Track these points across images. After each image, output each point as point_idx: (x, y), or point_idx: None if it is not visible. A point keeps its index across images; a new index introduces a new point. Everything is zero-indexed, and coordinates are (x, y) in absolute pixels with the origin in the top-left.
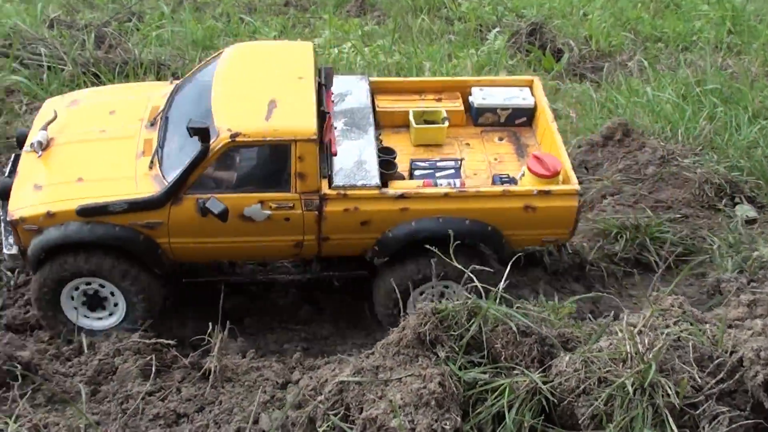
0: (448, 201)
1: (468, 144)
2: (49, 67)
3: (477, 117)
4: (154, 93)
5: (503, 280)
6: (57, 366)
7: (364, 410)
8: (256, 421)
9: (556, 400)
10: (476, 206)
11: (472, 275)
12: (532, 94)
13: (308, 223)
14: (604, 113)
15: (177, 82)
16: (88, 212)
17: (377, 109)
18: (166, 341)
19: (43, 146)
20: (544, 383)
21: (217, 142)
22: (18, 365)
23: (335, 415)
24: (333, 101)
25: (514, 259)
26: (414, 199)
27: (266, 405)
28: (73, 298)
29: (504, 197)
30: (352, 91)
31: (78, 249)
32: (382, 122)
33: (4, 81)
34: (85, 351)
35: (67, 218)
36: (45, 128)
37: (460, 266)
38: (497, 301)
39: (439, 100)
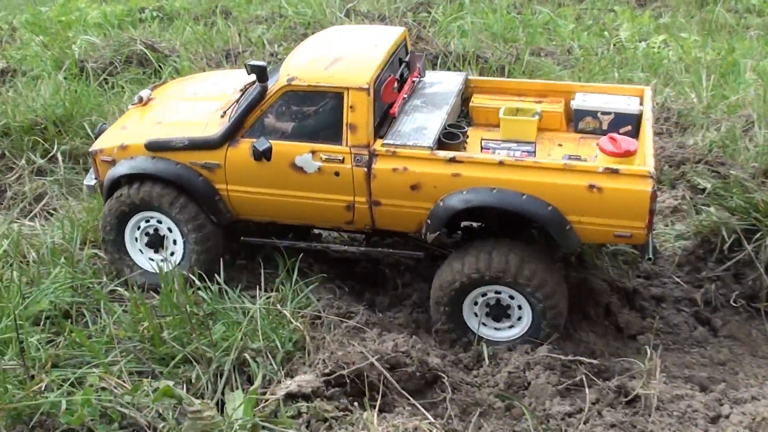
0: (504, 170)
1: (560, 144)
2: None
3: (577, 121)
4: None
5: None
6: (461, 374)
7: None
8: None
9: None
10: (534, 179)
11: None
12: (641, 104)
13: (358, 180)
14: None
15: None
16: (154, 147)
17: (472, 105)
18: (583, 359)
19: (143, 101)
20: None
21: (275, 86)
22: (428, 371)
23: None
24: (414, 81)
25: None
26: (466, 165)
27: None
28: (137, 239)
29: (566, 171)
30: (443, 82)
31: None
32: (476, 120)
33: None
34: (486, 361)
35: (137, 152)
36: (151, 88)
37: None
38: None
39: (540, 102)
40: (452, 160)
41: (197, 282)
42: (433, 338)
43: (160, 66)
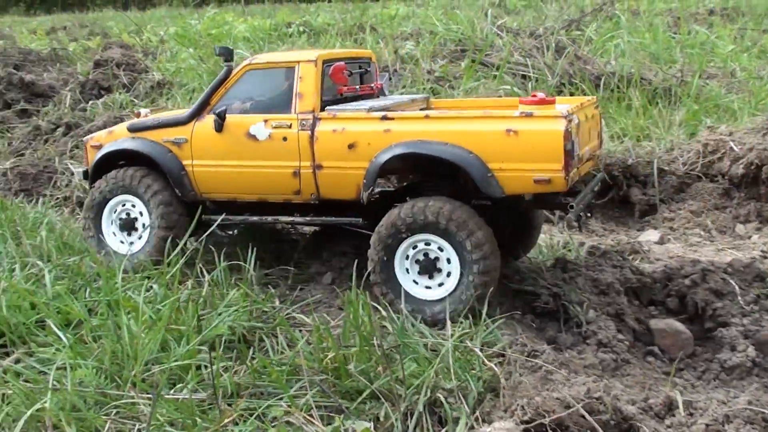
0: (429, 122)
1: None
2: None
3: None
4: None
5: None
6: (655, 424)
7: None
8: None
9: None
10: (456, 128)
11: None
12: None
13: (303, 144)
14: None
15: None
16: (135, 128)
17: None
18: None
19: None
20: None
21: (238, 67)
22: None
23: None
24: (372, 86)
25: None
26: (396, 120)
27: None
28: (112, 222)
29: (484, 118)
30: (402, 97)
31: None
32: None
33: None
34: (681, 410)
35: (121, 135)
36: (150, 111)
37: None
38: None
39: None
40: (384, 118)
41: (382, 311)
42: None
43: None
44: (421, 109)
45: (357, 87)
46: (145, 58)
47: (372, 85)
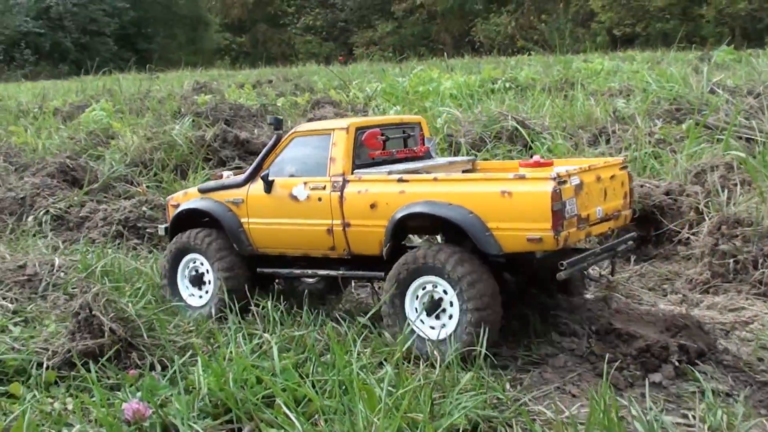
0: (437, 184)
1: None
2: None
3: None
4: None
5: None
6: None
7: None
8: None
9: None
10: (459, 190)
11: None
12: None
13: (334, 204)
14: None
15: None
16: (203, 190)
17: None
18: None
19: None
20: None
21: (286, 135)
22: None
23: None
24: (416, 149)
25: None
26: (410, 183)
27: None
28: (185, 276)
29: (482, 181)
30: (447, 160)
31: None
32: None
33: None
34: None
35: (194, 196)
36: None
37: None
38: None
39: None
40: (400, 180)
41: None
42: None
43: (531, 142)
44: (463, 171)
45: (394, 151)
46: (354, 114)
47: (415, 148)
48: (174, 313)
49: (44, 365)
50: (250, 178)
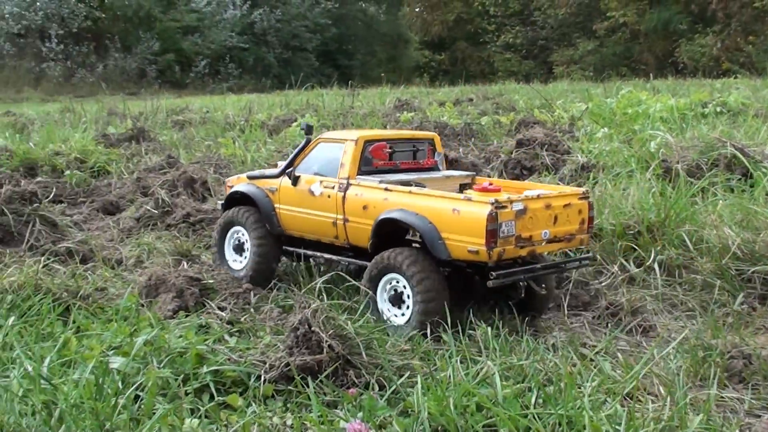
0: (411, 197)
1: None
2: None
3: None
4: None
5: None
6: None
7: None
8: None
9: None
10: (425, 204)
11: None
12: None
13: (338, 202)
14: None
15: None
16: (250, 177)
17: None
18: None
19: None
20: None
21: (314, 139)
22: None
23: None
24: (422, 162)
25: None
26: (392, 192)
27: None
28: (230, 245)
29: (442, 198)
30: (450, 172)
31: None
32: None
33: None
34: None
35: (243, 181)
36: None
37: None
38: None
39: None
40: (386, 189)
41: None
42: None
43: (751, 172)
44: (460, 185)
45: (398, 162)
46: (562, 135)
47: (422, 161)
48: (386, 333)
49: (262, 378)
50: (283, 172)
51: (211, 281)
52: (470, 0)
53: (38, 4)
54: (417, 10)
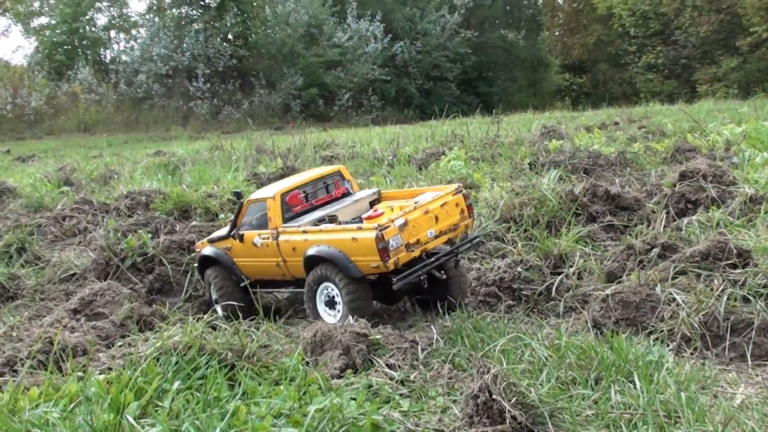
0: (323, 234)
1: None
2: None
3: None
4: None
5: None
6: None
7: None
8: None
9: None
10: (333, 237)
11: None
12: None
13: (274, 249)
14: None
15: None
16: (211, 240)
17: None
18: None
19: None
20: None
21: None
22: None
23: None
24: (333, 194)
25: None
26: (309, 233)
27: None
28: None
29: (345, 231)
30: (358, 196)
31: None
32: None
33: None
34: None
35: (206, 245)
36: None
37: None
38: None
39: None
40: (304, 232)
41: None
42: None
43: None
44: (370, 202)
45: (314, 201)
46: (724, 163)
47: (333, 193)
48: (571, 398)
49: None
50: (230, 232)
51: (378, 336)
52: (610, 22)
53: (185, 45)
54: (557, 34)
